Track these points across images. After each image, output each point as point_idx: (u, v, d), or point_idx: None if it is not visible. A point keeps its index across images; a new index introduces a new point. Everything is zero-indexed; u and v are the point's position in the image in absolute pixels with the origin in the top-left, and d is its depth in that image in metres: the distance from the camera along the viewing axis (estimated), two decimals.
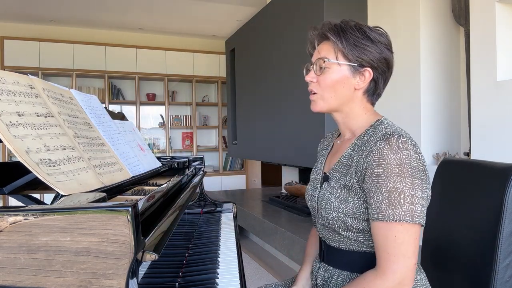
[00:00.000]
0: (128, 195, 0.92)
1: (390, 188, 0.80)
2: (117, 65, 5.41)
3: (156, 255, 0.60)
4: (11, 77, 0.77)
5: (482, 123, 2.03)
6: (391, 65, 0.94)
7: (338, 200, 0.90)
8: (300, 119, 3.06)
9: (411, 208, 0.79)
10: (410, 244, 0.79)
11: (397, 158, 0.80)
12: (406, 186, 0.80)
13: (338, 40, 0.90)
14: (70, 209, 0.53)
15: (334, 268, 0.96)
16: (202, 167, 1.70)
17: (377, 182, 0.82)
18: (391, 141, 0.82)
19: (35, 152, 0.69)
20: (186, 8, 4.85)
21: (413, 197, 0.80)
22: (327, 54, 0.92)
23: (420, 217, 0.80)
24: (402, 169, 0.80)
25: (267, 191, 4.89)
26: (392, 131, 0.85)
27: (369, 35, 0.90)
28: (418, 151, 0.83)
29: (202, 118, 6.10)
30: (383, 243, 0.81)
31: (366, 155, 0.85)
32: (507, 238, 0.92)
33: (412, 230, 0.80)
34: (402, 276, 0.79)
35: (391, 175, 0.80)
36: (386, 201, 0.80)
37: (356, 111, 0.95)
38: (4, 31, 5.06)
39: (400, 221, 0.79)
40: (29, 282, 0.52)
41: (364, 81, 0.91)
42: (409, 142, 0.83)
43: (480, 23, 2.03)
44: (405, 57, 2.53)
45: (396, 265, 0.79)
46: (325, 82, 0.92)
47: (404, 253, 0.79)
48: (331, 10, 2.74)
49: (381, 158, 0.82)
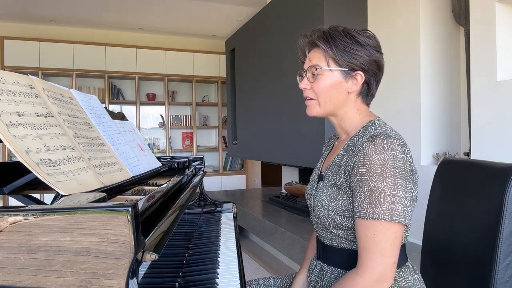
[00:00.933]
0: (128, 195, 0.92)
1: (372, 187, 0.82)
2: (117, 65, 5.41)
3: (156, 255, 0.60)
4: (11, 77, 0.77)
5: (482, 123, 2.03)
6: (382, 66, 0.96)
7: (329, 198, 0.92)
8: (300, 119, 3.06)
9: (391, 207, 0.81)
10: (388, 242, 0.81)
11: (380, 159, 0.82)
12: (388, 185, 0.82)
13: (328, 47, 0.92)
14: (70, 209, 0.53)
15: (328, 265, 0.98)
16: (202, 167, 1.70)
17: (361, 181, 0.84)
18: (377, 141, 0.84)
19: (35, 152, 0.69)
20: (186, 8, 4.85)
21: (394, 196, 0.81)
22: (319, 61, 0.94)
23: (401, 216, 0.81)
24: (384, 169, 0.82)
25: (267, 191, 4.89)
26: (379, 132, 0.87)
27: (358, 39, 0.92)
28: (405, 151, 0.85)
29: (202, 118, 6.10)
30: (363, 240, 0.83)
31: (354, 155, 0.88)
32: (507, 238, 0.92)
33: (392, 230, 0.81)
34: (380, 273, 0.81)
35: (373, 175, 0.82)
36: (367, 199, 0.83)
37: (350, 113, 0.97)
38: (4, 31, 5.06)
39: (379, 219, 0.81)
40: (29, 282, 0.52)
41: (357, 84, 0.93)
42: (397, 142, 0.84)
43: (480, 23, 2.03)
44: (405, 57, 2.53)
45: (374, 262, 0.81)
46: (319, 88, 0.94)
47: (382, 251, 0.81)
48: (331, 10, 2.74)
49: (365, 158, 0.84)
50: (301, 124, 3.06)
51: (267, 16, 3.75)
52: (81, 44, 5.24)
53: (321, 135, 2.75)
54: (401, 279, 0.91)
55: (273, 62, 3.60)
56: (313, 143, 2.88)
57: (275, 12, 3.56)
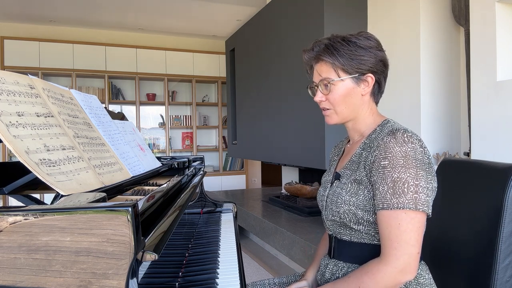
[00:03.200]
0: (128, 195, 0.92)
1: (395, 178, 0.84)
2: (117, 65, 5.41)
3: (156, 255, 0.60)
4: (11, 77, 0.77)
5: (482, 123, 2.03)
6: (387, 62, 0.99)
7: (349, 194, 0.94)
8: (300, 119, 3.06)
9: (414, 197, 0.83)
10: (413, 232, 0.82)
11: (402, 151, 0.85)
12: (410, 176, 0.84)
13: (335, 59, 0.95)
14: (70, 209, 0.53)
15: (345, 262, 0.98)
16: (202, 167, 1.70)
17: (383, 173, 0.86)
18: (397, 135, 0.87)
19: (35, 152, 0.69)
20: (186, 8, 4.85)
21: (417, 186, 0.83)
22: (329, 74, 0.96)
23: (424, 205, 0.83)
24: (406, 160, 0.84)
25: (267, 191, 4.89)
26: (398, 127, 0.90)
27: (360, 44, 0.94)
28: (423, 145, 0.88)
29: (202, 118, 6.10)
30: (387, 231, 0.84)
31: (373, 150, 0.90)
32: (507, 238, 0.92)
33: (416, 219, 0.83)
34: (405, 263, 0.81)
35: (396, 166, 0.85)
36: (391, 190, 0.84)
37: (364, 115, 1.00)
38: (4, 31, 5.06)
39: (403, 208, 0.82)
40: (29, 282, 0.52)
41: (369, 86, 0.97)
42: (415, 137, 0.87)
43: (480, 23, 2.03)
44: (405, 57, 2.53)
45: (398, 252, 0.82)
46: (334, 98, 0.97)
47: (407, 240, 0.82)
48: (331, 10, 2.74)
49: (387, 151, 0.86)
50: (301, 124, 3.06)
51: (267, 16, 3.75)
52: (81, 44, 5.24)
53: (321, 135, 2.75)
54: (420, 277, 0.93)
55: (273, 62, 3.60)
56: (313, 143, 2.88)
57: (275, 12, 3.56)
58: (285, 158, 3.42)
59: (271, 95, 3.65)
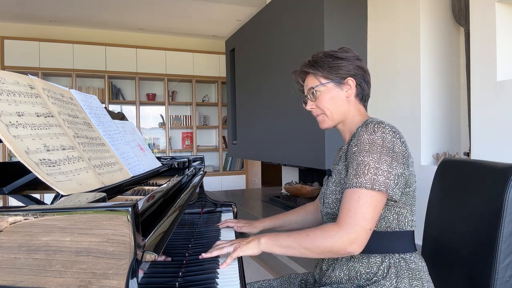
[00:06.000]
0: (128, 195, 0.92)
1: (359, 161, 0.93)
2: (117, 65, 5.41)
3: (156, 255, 0.60)
4: (11, 77, 0.77)
5: (482, 123, 2.03)
6: (366, 69, 1.09)
7: (335, 184, 1.04)
8: (300, 119, 3.06)
9: (373, 178, 0.90)
10: (370, 208, 0.90)
11: (370, 139, 0.94)
12: (373, 160, 0.92)
13: (316, 70, 1.08)
14: (70, 209, 0.53)
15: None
16: (202, 167, 1.70)
17: (352, 158, 0.96)
18: (369, 126, 0.96)
19: (35, 152, 0.69)
20: (186, 8, 4.85)
21: (377, 169, 0.91)
22: (313, 83, 1.09)
23: (382, 186, 0.90)
24: (371, 146, 0.93)
25: (267, 191, 4.90)
26: (373, 120, 0.99)
27: (337, 55, 1.07)
28: (396, 136, 0.95)
29: (202, 118, 6.10)
30: (347, 202, 0.92)
31: (350, 143, 1.01)
32: (507, 238, 0.92)
33: (374, 198, 0.90)
34: (357, 233, 0.88)
35: (362, 151, 0.94)
36: (354, 172, 0.93)
37: (352, 116, 1.09)
38: (4, 31, 5.07)
39: (360, 187, 0.91)
40: (29, 282, 0.52)
41: (351, 88, 1.07)
42: (388, 128, 0.96)
43: (480, 23, 2.03)
44: (405, 57, 2.53)
45: (353, 220, 0.89)
46: (322, 103, 1.08)
47: (363, 213, 0.89)
48: (331, 10, 2.74)
49: (358, 140, 0.96)
50: (301, 124, 3.06)
51: (267, 16, 3.75)
52: (81, 44, 5.25)
53: (321, 135, 2.75)
54: (412, 262, 0.97)
55: (273, 62, 3.60)
56: (313, 143, 2.88)
57: (275, 12, 3.56)
58: (285, 158, 3.42)
59: (271, 95, 3.65)
